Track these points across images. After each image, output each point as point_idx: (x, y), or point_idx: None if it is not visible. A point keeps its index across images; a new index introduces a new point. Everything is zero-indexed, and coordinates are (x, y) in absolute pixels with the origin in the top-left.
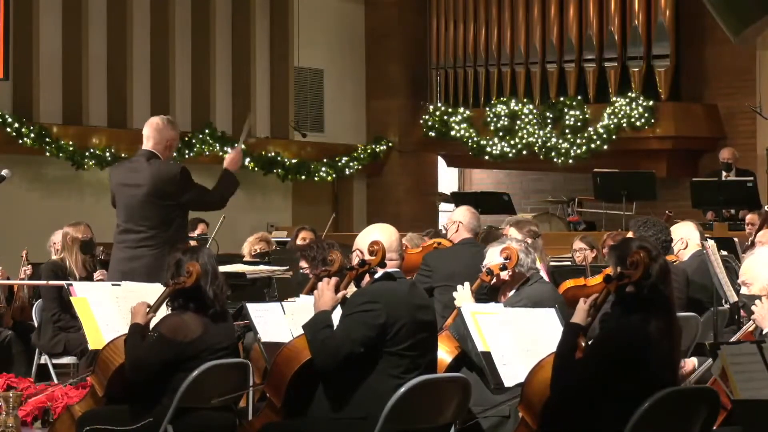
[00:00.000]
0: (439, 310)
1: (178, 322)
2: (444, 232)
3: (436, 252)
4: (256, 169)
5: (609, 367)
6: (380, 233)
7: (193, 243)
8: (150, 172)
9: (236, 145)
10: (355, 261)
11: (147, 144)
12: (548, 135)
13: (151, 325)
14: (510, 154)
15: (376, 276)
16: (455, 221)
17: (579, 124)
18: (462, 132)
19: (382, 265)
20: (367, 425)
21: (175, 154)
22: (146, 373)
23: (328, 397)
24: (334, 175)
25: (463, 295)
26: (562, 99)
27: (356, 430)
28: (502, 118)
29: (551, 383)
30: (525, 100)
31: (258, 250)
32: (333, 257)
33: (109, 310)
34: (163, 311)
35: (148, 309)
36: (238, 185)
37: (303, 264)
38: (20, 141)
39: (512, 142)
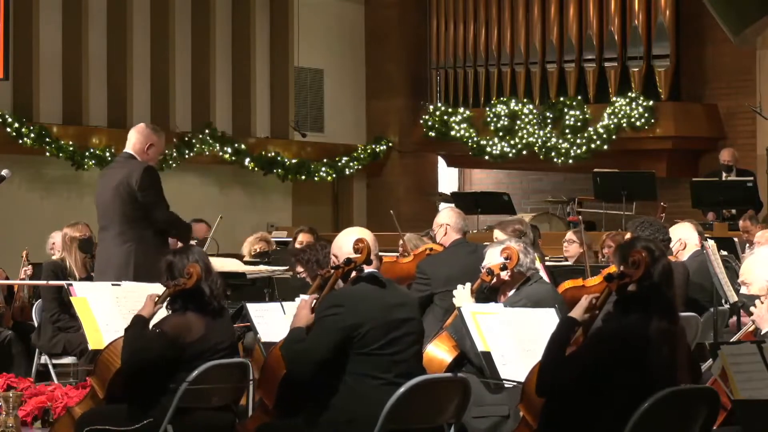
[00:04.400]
0: (440, 315)
1: (181, 322)
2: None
3: (430, 258)
4: (256, 169)
5: (605, 365)
6: (362, 233)
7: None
8: (121, 170)
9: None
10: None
11: (128, 146)
12: (548, 135)
13: (153, 323)
14: (510, 154)
15: (363, 274)
16: (442, 224)
17: (579, 124)
18: (462, 132)
19: (368, 262)
20: (355, 427)
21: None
22: (141, 366)
23: (314, 402)
24: (334, 175)
25: (462, 295)
26: (562, 99)
27: (347, 431)
28: (502, 118)
29: (537, 374)
30: (525, 100)
31: (258, 250)
32: None
33: (109, 310)
34: (162, 312)
35: (157, 299)
36: (189, 233)
37: (299, 269)
38: (20, 141)
39: (512, 142)
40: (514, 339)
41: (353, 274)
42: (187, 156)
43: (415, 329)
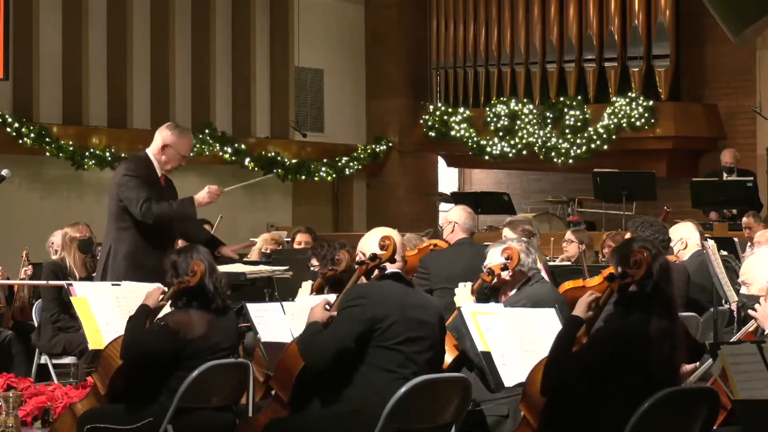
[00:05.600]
0: None
1: (184, 318)
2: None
3: (434, 254)
4: (256, 169)
5: (606, 365)
6: (389, 232)
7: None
8: (119, 168)
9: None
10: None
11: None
12: (548, 135)
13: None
14: (510, 154)
15: (388, 272)
16: (451, 221)
17: (579, 124)
18: (462, 132)
19: (392, 260)
20: (362, 418)
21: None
22: (141, 356)
23: (327, 392)
24: (334, 175)
25: (463, 294)
26: (562, 99)
27: (353, 422)
28: (502, 118)
29: (543, 373)
30: (525, 100)
31: (268, 251)
32: (340, 257)
33: (109, 310)
34: (167, 309)
35: (162, 296)
36: (190, 218)
37: (314, 262)
38: (20, 141)
39: (512, 142)
40: (514, 339)
41: (377, 272)
42: None
43: (431, 335)
